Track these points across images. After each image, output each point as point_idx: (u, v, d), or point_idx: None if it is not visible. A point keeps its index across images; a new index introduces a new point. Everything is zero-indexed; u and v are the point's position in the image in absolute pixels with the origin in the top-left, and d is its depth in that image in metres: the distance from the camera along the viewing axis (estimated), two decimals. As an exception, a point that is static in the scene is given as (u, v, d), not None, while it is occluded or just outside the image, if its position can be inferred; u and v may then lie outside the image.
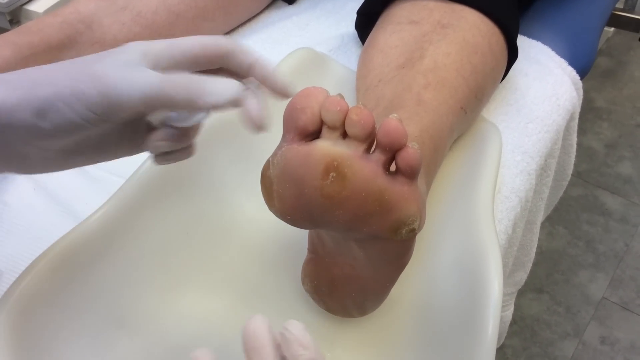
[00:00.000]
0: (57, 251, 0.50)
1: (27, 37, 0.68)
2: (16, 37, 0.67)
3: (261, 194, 0.45)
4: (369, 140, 0.40)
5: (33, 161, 0.40)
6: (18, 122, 0.36)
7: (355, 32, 0.79)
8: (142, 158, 0.57)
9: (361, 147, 0.40)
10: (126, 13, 0.74)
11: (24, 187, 0.65)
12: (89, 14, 0.72)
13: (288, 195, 0.41)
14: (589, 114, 1.77)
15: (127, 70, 0.37)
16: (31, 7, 0.88)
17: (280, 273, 0.58)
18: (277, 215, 0.43)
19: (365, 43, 0.69)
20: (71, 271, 0.50)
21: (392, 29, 0.65)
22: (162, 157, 0.43)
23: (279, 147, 0.42)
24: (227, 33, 0.84)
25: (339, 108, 0.40)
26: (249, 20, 0.87)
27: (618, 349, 1.30)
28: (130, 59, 0.38)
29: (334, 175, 0.39)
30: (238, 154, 0.61)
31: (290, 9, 0.89)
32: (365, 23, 0.73)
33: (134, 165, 0.57)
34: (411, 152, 0.39)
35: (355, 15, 0.77)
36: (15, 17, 0.96)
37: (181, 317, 0.55)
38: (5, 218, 0.63)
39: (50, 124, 0.37)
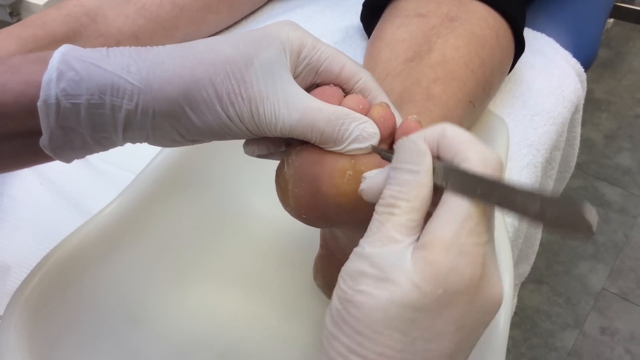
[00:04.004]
0: (68, 247, 0.50)
1: (31, 31, 0.67)
2: (20, 31, 0.67)
3: (272, 191, 0.44)
4: (389, 139, 0.40)
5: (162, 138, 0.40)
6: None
7: (361, 25, 0.79)
8: (151, 152, 0.57)
9: (380, 146, 0.40)
10: (130, 5, 0.73)
11: (31, 181, 0.65)
12: (93, 6, 0.71)
13: (304, 195, 0.40)
14: (588, 105, 1.76)
15: (281, 90, 0.37)
16: (32, -1, 0.88)
17: (290, 268, 0.58)
18: (292, 215, 0.43)
19: (372, 36, 0.68)
20: (82, 267, 0.50)
21: (399, 22, 0.65)
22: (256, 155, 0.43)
23: (293, 146, 0.42)
24: (232, 26, 0.84)
25: (361, 106, 0.39)
26: (253, 12, 0.86)
27: (618, 339, 1.31)
28: (274, 60, 0.38)
29: (351, 173, 0.39)
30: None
31: (295, 1, 0.88)
32: (371, 15, 0.73)
33: (141, 159, 0.57)
34: None
35: (360, 7, 0.77)
36: (15, 9, 0.95)
37: (192, 312, 0.55)
38: (13, 213, 0.63)
39: (199, 119, 0.38)
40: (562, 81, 0.77)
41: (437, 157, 0.34)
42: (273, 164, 0.44)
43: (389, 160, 0.36)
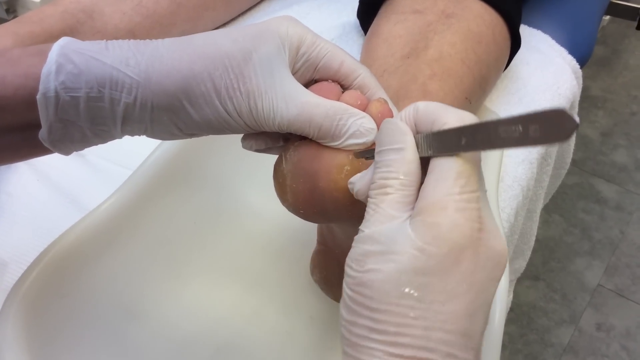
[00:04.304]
0: (65, 241, 0.50)
1: (28, 27, 0.67)
2: (17, 27, 0.67)
3: (269, 186, 0.45)
4: None
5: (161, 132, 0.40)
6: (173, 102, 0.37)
7: (357, 21, 0.79)
8: (147, 149, 0.57)
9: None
10: (127, 2, 0.73)
11: (27, 177, 0.65)
12: (89, 3, 0.71)
13: (301, 190, 0.41)
14: (584, 102, 1.78)
15: (279, 85, 0.38)
16: (29, -5, 0.88)
17: (288, 263, 0.58)
18: (290, 210, 0.43)
19: (369, 32, 0.69)
20: (80, 262, 0.51)
21: (396, 18, 0.65)
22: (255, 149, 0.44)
23: (291, 142, 0.42)
24: (228, 22, 0.84)
25: (359, 102, 0.40)
26: (250, 9, 0.86)
27: (613, 335, 1.32)
28: (273, 55, 0.38)
29: (348, 169, 0.39)
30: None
31: (291, -3, 0.88)
32: (368, 11, 0.73)
33: (137, 155, 0.57)
34: None
35: (357, 4, 0.77)
36: (11, 6, 0.95)
37: (189, 307, 0.55)
38: (9, 209, 0.63)
39: (197, 114, 0.38)
40: (557, 78, 0.78)
41: (416, 133, 0.34)
42: (271, 160, 0.44)
43: (373, 159, 0.37)
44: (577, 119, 0.27)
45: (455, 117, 0.33)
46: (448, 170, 0.32)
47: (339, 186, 0.40)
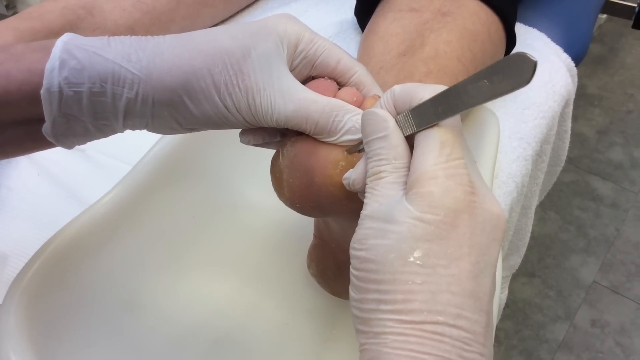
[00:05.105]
0: (66, 235, 0.50)
1: (29, 23, 0.68)
2: (18, 23, 0.67)
3: (267, 181, 0.45)
4: None
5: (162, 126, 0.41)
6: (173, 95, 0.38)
7: (355, 19, 0.80)
8: (147, 144, 0.57)
9: None
10: (127, -1, 0.74)
11: (28, 172, 0.66)
12: (89, -1, 0.72)
13: (298, 185, 0.41)
14: (581, 100, 1.78)
15: (277, 81, 0.39)
16: (28, -8, 0.88)
17: (285, 257, 0.59)
18: (286, 204, 0.44)
19: (366, 30, 0.69)
20: (80, 256, 0.51)
21: (392, 16, 0.65)
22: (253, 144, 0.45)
23: (288, 137, 0.43)
24: (227, 19, 0.84)
25: (355, 99, 0.40)
26: (248, 6, 0.87)
27: (608, 331, 1.33)
28: (272, 52, 0.39)
29: (343, 164, 0.40)
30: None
31: (289, -5, 0.89)
32: (365, 9, 0.74)
33: (137, 150, 0.58)
34: None
35: (354, 2, 0.78)
36: (11, 2, 0.96)
37: (187, 301, 0.56)
38: (10, 203, 0.63)
39: (197, 109, 0.39)
40: (552, 75, 0.78)
41: (397, 115, 0.36)
42: (268, 155, 0.44)
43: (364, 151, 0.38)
44: (535, 58, 0.29)
45: (429, 91, 0.34)
46: (432, 141, 0.33)
47: (335, 181, 0.40)
